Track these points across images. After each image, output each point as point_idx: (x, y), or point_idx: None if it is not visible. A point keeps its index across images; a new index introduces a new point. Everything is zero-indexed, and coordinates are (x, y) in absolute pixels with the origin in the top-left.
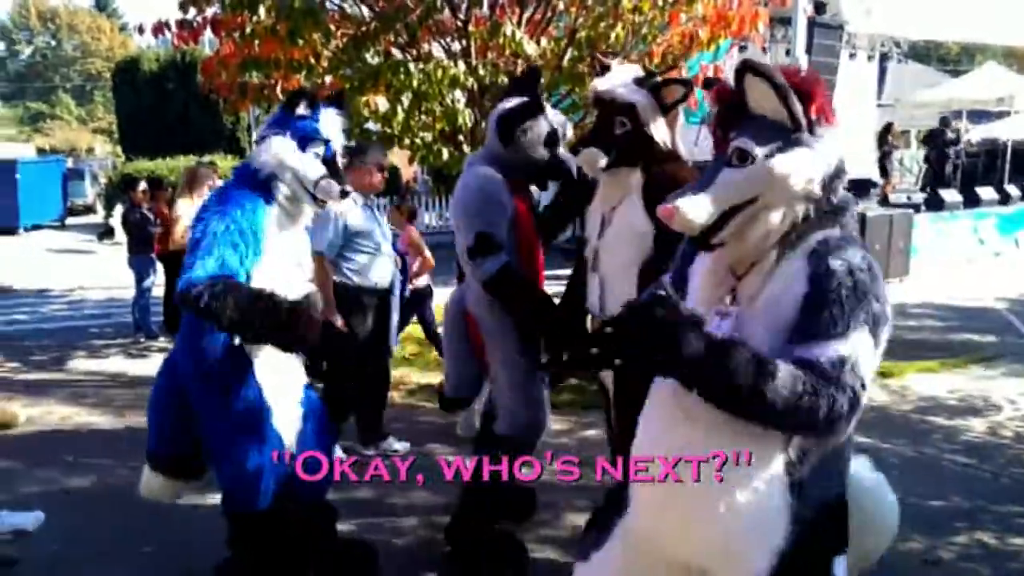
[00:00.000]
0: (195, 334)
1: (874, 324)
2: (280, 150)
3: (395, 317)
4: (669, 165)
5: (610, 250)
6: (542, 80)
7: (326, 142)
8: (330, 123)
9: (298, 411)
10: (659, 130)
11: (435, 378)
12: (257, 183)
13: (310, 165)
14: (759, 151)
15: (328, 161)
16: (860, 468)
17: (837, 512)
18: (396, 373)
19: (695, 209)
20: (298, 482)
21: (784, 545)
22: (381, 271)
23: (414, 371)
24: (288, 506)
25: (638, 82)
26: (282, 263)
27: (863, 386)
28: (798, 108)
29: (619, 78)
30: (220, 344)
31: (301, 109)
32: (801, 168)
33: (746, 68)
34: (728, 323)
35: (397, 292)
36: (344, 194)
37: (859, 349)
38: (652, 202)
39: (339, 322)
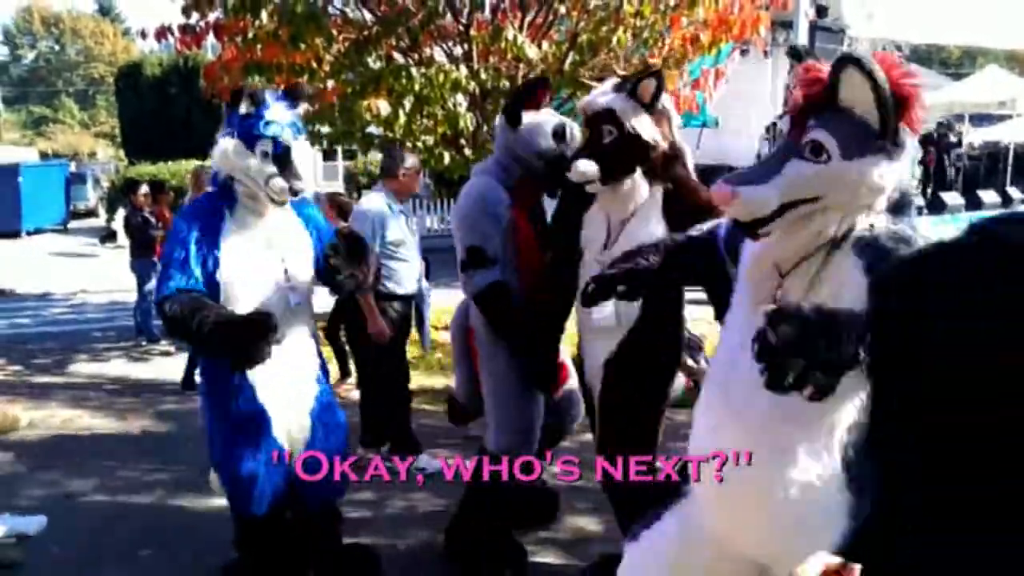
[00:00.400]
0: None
1: None
2: (227, 151)
3: (426, 322)
4: (681, 176)
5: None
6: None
7: (274, 139)
8: (277, 117)
9: (305, 420)
10: (644, 128)
11: (436, 380)
12: (219, 185)
13: (256, 165)
14: (837, 150)
15: (278, 156)
16: None
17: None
18: None
19: (758, 200)
20: (303, 488)
21: (840, 541)
22: (411, 277)
23: (415, 373)
24: (293, 511)
25: (616, 88)
26: (249, 262)
27: None
28: (892, 115)
29: (599, 89)
30: (214, 360)
31: (243, 108)
32: (875, 178)
33: (849, 60)
34: None
35: (426, 297)
36: (293, 192)
37: None
38: (673, 219)
39: (387, 330)
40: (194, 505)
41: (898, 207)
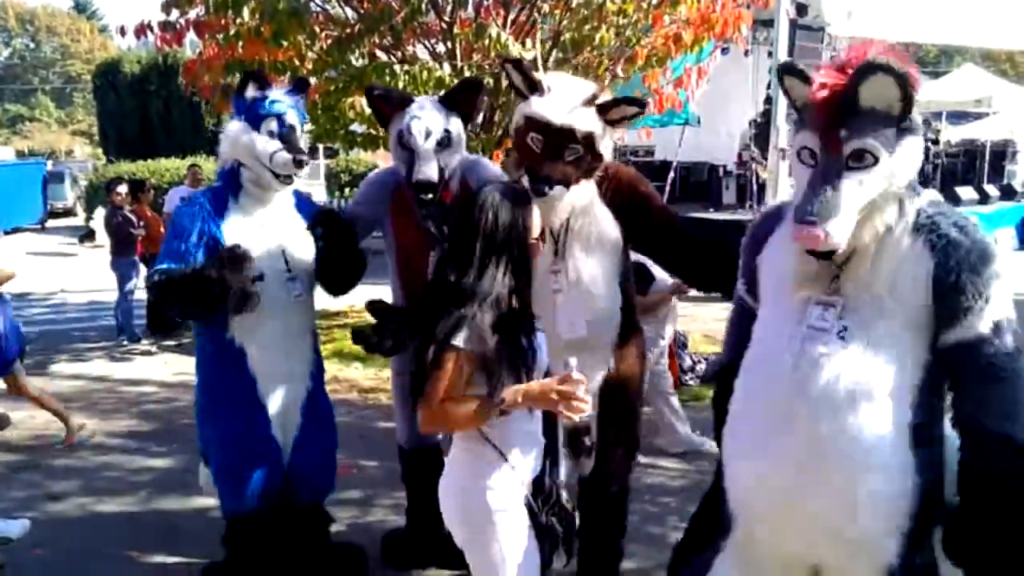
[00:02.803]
0: (197, 341)
1: (1002, 272)
2: (234, 133)
3: None
4: (613, 165)
5: (583, 266)
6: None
7: (279, 117)
8: (282, 98)
9: (296, 415)
10: (608, 149)
11: None
12: (225, 175)
13: (262, 142)
14: (881, 149)
15: (283, 135)
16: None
17: (940, 484)
18: (374, 372)
19: (843, 229)
20: (293, 483)
21: (911, 524)
22: None
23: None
24: (283, 509)
25: (587, 103)
26: (251, 249)
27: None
28: (914, 100)
29: (563, 102)
30: (211, 351)
31: (250, 91)
32: (915, 155)
33: (874, 68)
34: (832, 313)
35: None
36: (298, 163)
37: (1003, 302)
38: (617, 208)
39: None
40: (178, 505)
41: (920, 177)
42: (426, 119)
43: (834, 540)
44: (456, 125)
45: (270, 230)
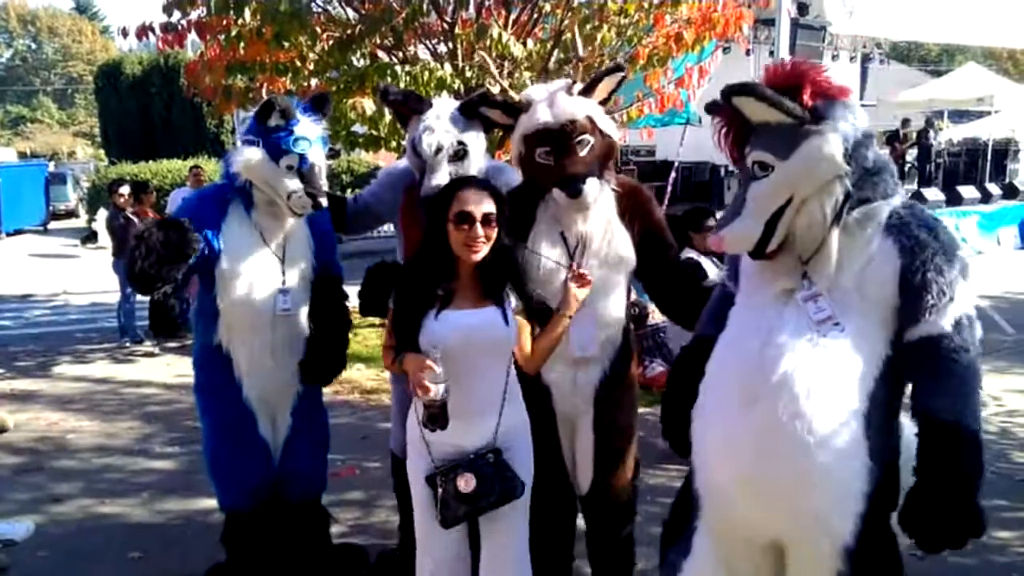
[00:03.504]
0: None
1: (967, 271)
2: (251, 161)
3: None
4: (624, 178)
5: (599, 285)
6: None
7: (302, 155)
8: (306, 133)
9: (287, 417)
10: (612, 127)
11: None
12: (238, 189)
13: (281, 179)
14: (774, 158)
15: (303, 172)
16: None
17: (894, 471)
18: (375, 373)
19: (741, 232)
20: (286, 485)
21: (862, 508)
22: None
23: None
24: (279, 508)
25: (581, 92)
26: (246, 257)
27: (977, 328)
28: (790, 106)
29: (550, 104)
30: (203, 348)
31: (274, 120)
32: (817, 155)
33: (730, 94)
34: (824, 302)
35: None
36: (317, 206)
37: (966, 301)
38: (631, 229)
39: None
40: (181, 507)
41: (857, 151)
42: (439, 132)
43: (789, 515)
44: (472, 136)
45: (266, 240)
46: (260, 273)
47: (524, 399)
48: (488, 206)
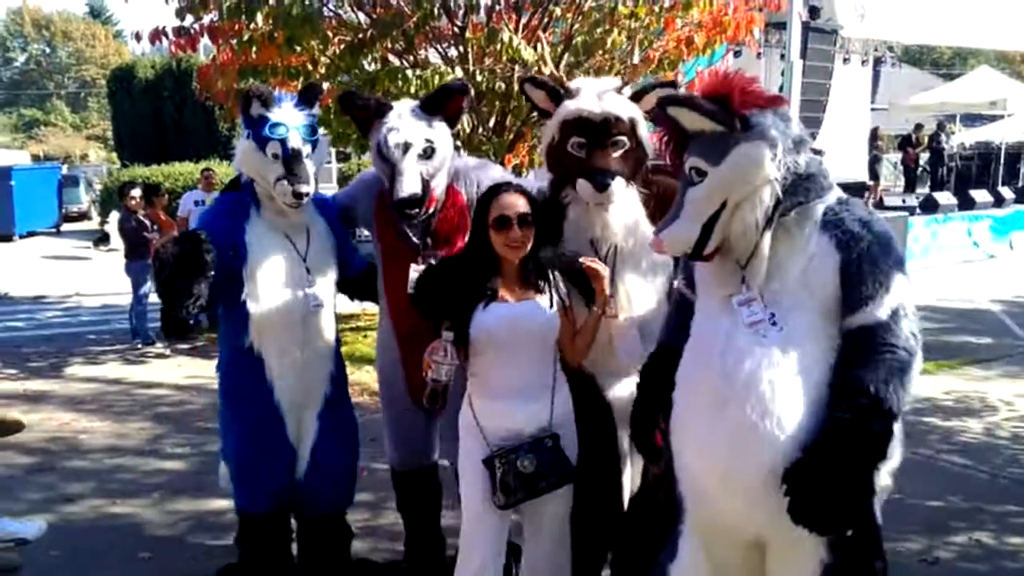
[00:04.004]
0: (219, 347)
1: (902, 263)
2: (241, 154)
3: None
4: (658, 177)
5: (636, 291)
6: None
7: (281, 141)
8: (285, 119)
9: (313, 422)
10: (649, 145)
11: None
12: (245, 187)
13: (266, 167)
14: (707, 164)
15: (287, 159)
16: None
17: None
18: None
19: (679, 235)
20: (308, 496)
21: None
22: None
23: None
24: (297, 516)
25: (632, 97)
26: (270, 261)
27: (914, 320)
28: (720, 115)
29: (597, 96)
30: (233, 352)
31: (254, 109)
32: (745, 162)
33: (663, 105)
34: (758, 306)
35: None
36: (297, 195)
37: (902, 291)
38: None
39: None
40: (192, 508)
41: (787, 158)
42: (404, 131)
43: (769, 511)
44: (439, 133)
45: (289, 242)
46: (287, 272)
47: (586, 411)
48: (523, 207)
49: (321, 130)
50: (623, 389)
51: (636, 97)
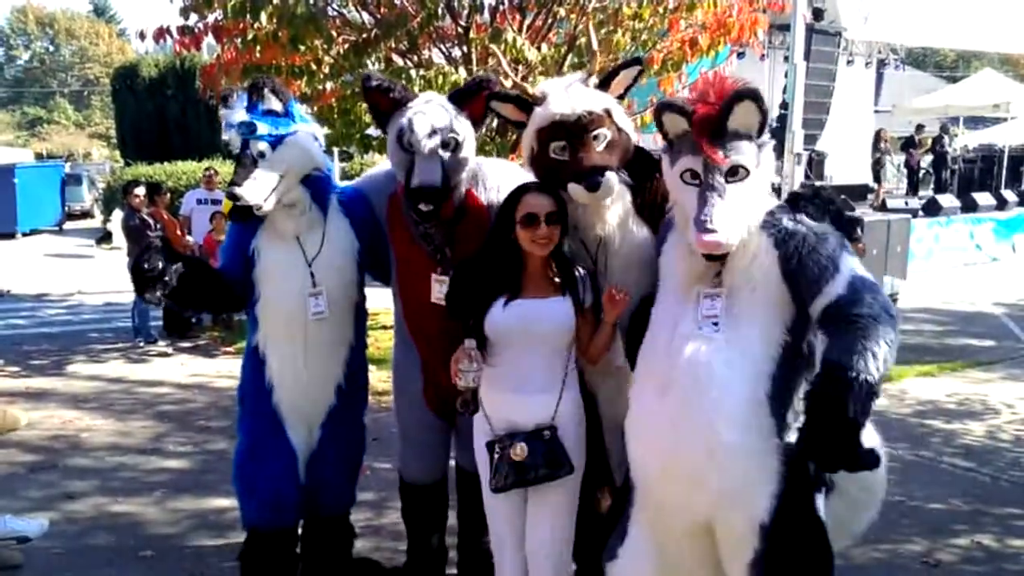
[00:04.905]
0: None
1: (845, 245)
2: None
3: None
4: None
5: (627, 283)
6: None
7: (226, 143)
8: (230, 119)
9: (316, 429)
10: (629, 125)
11: None
12: None
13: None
14: (750, 165)
15: (237, 158)
16: None
17: None
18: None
19: (735, 234)
20: (312, 498)
21: (777, 487)
22: None
23: None
24: (304, 520)
25: (598, 85)
26: (276, 264)
27: (875, 286)
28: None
29: (566, 95)
30: (247, 349)
31: (220, 112)
32: (771, 169)
33: (743, 95)
34: (720, 301)
35: None
36: (230, 196)
37: (854, 267)
38: (652, 223)
39: None
40: (194, 506)
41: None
42: (431, 115)
43: (708, 495)
44: (464, 128)
45: (297, 245)
46: (289, 276)
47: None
48: (550, 206)
49: (324, 129)
50: (609, 384)
51: (604, 85)
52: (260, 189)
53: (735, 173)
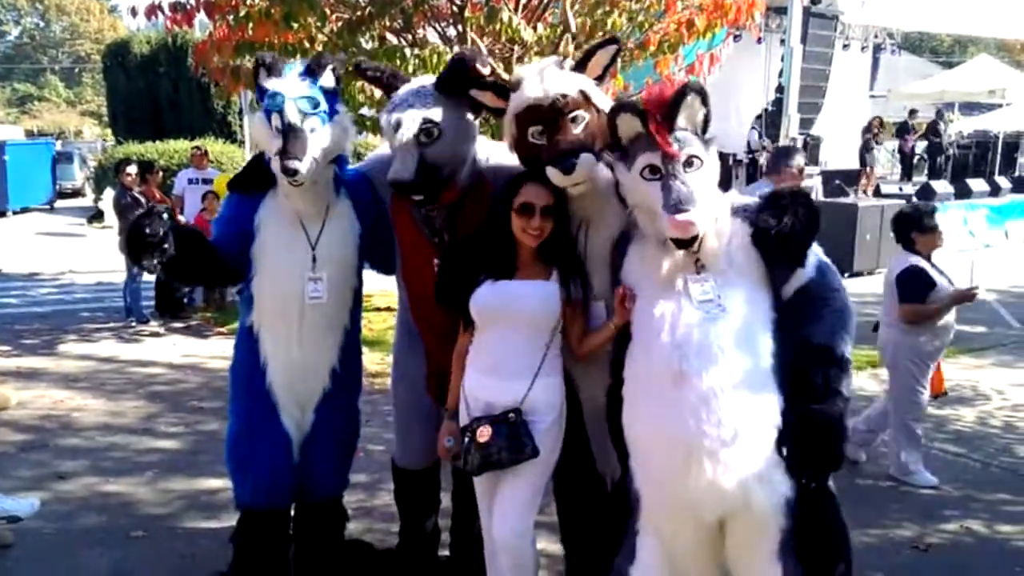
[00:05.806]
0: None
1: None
2: (253, 126)
3: None
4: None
5: (599, 272)
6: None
7: (279, 112)
8: (283, 89)
9: (310, 413)
10: (607, 102)
11: None
12: (266, 164)
13: (270, 141)
14: (703, 154)
15: (284, 132)
16: None
17: None
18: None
19: (703, 217)
20: (304, 483)
21: (786, 480)
22: None
23: None
24: (296, 503)
25: (574, 67)
26: (275, 244)
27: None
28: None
29: (541, 79)
30: (240, 328)
31: (261, 78)
32: (717, 160)
33: (687, 91)
34: (711, 286)
35: None
36: (286, 171)
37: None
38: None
39: None
40: (185, 487)
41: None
42: (399, 111)
43: (732, 480)
44: (446, 114)
45: (299, 226)
46: (288, 258)
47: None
48: (548, 199)
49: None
50: (594, 384)
51: (581, 64)
52: (312, 166)
53: (691, 164)
